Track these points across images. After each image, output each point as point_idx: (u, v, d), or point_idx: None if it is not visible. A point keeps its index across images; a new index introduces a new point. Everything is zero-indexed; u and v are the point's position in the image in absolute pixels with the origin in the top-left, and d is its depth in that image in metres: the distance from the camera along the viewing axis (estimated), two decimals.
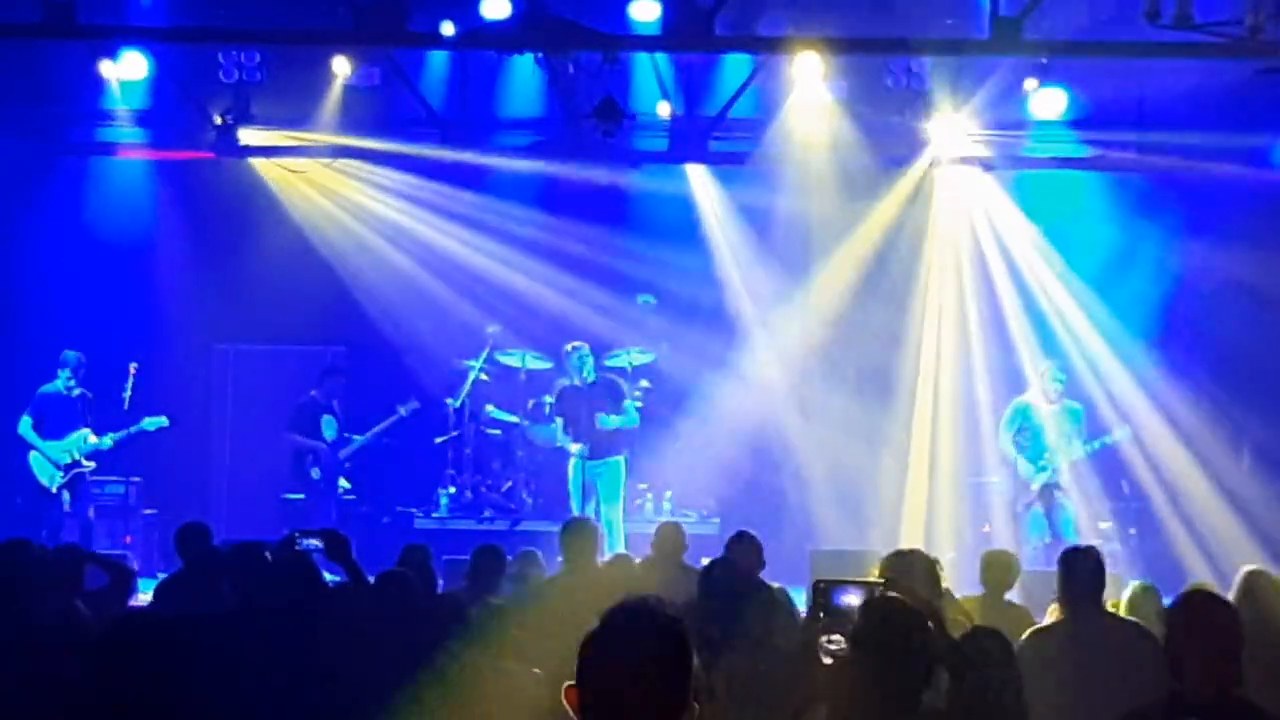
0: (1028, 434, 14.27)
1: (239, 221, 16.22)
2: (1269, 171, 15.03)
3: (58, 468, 14.25)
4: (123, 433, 14.35)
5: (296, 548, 7.58)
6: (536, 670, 6.70)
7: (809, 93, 14.76)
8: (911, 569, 6.99)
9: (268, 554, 7.51)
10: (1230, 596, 8.13)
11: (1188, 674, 4.78)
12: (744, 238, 16.35)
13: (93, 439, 14.27)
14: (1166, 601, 8.76)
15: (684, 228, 16.44)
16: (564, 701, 3.09)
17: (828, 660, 5.31)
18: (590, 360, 14.66)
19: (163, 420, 14.47)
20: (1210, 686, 4.72)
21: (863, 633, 4.91)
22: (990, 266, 16.09)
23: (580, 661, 3.11)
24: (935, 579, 7.05)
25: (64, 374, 14.26)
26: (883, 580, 6.00)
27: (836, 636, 5.27)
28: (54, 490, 14.24)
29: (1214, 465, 15.04)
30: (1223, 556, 13.48)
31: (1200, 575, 12.25)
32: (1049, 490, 14.18)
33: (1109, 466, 14.67)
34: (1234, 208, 15.01)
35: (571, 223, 16.27)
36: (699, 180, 16.37)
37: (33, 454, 14.30)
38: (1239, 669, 4.76)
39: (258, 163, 16.06)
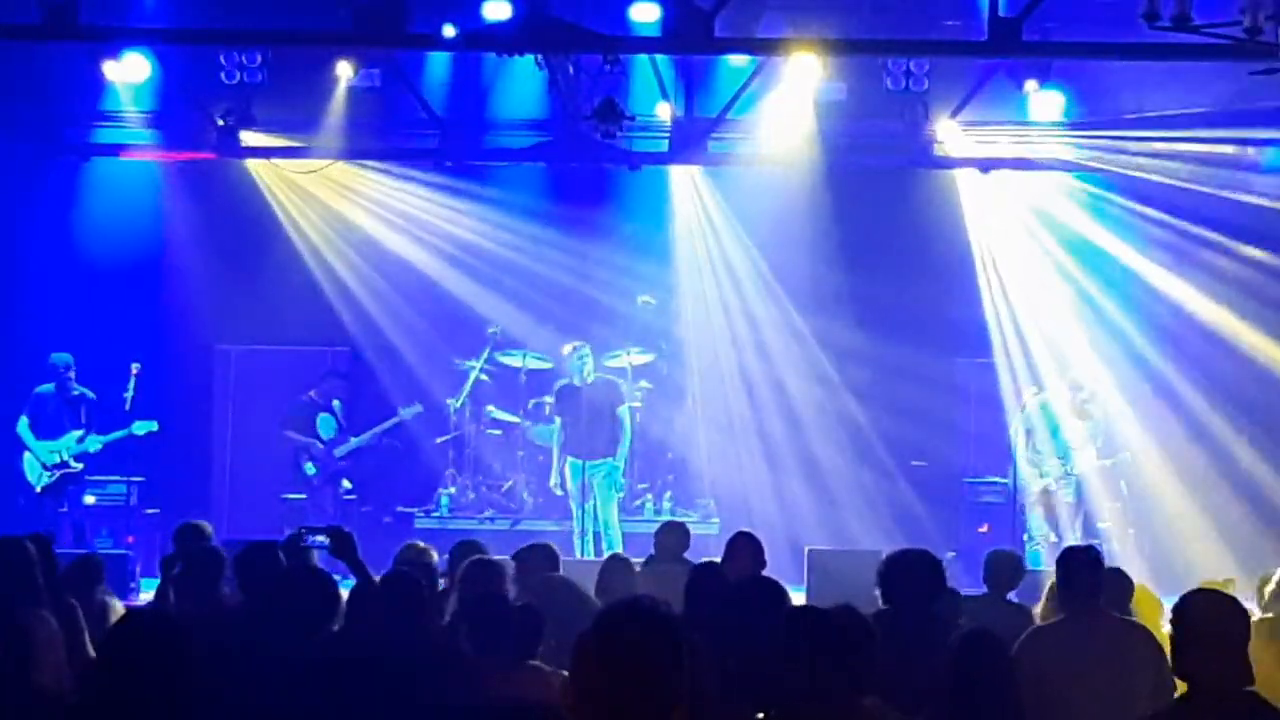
0: (1036, 433, 14.35)
1: (241, 223, 16.25)
2: (1267, 173, 15.07)
3: (45, 468, 14.32)
4: (111, 436, 14.40)
5: (303, 545, 7.59)
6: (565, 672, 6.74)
7: (808, 94, 14.78)
8: (911, 569, 7.01)
9: (280, 554, 7.52)
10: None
11: (1196, 672, 4.81)
12: (742, 238, 16.37)
13: (81, 440, 14.32)
14: (1166, 602, 8.86)
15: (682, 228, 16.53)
16: (560, 701, 3.13)
17: None
18: (591, 361, 14.70)
19: (153, 425, 14.46)
20: (1220, 684, 4.75)
21: None
22: (990, 268, 16.13)
23: (574, 660, 3.14)
24: (939, 578, 7.06)
25: (55, 377, 14.35)
26: None
27: None
28: (39, 490, 14.32)
29: (1212, 465, 15.10)
30: (1222, 556, 13.51)
31: (1200, 575, 12.25)
32: (1052, 491, 14.25)
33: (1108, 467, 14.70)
34: (1234, 208, 15.06)
35: (571, 223, 16.30)
36: (693, 182, 16.40)
37: (25, 454, 14.39)
38: (1248, 666, 4.79)
39: (259, 164, 16.09)
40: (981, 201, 15.99)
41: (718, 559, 8.76)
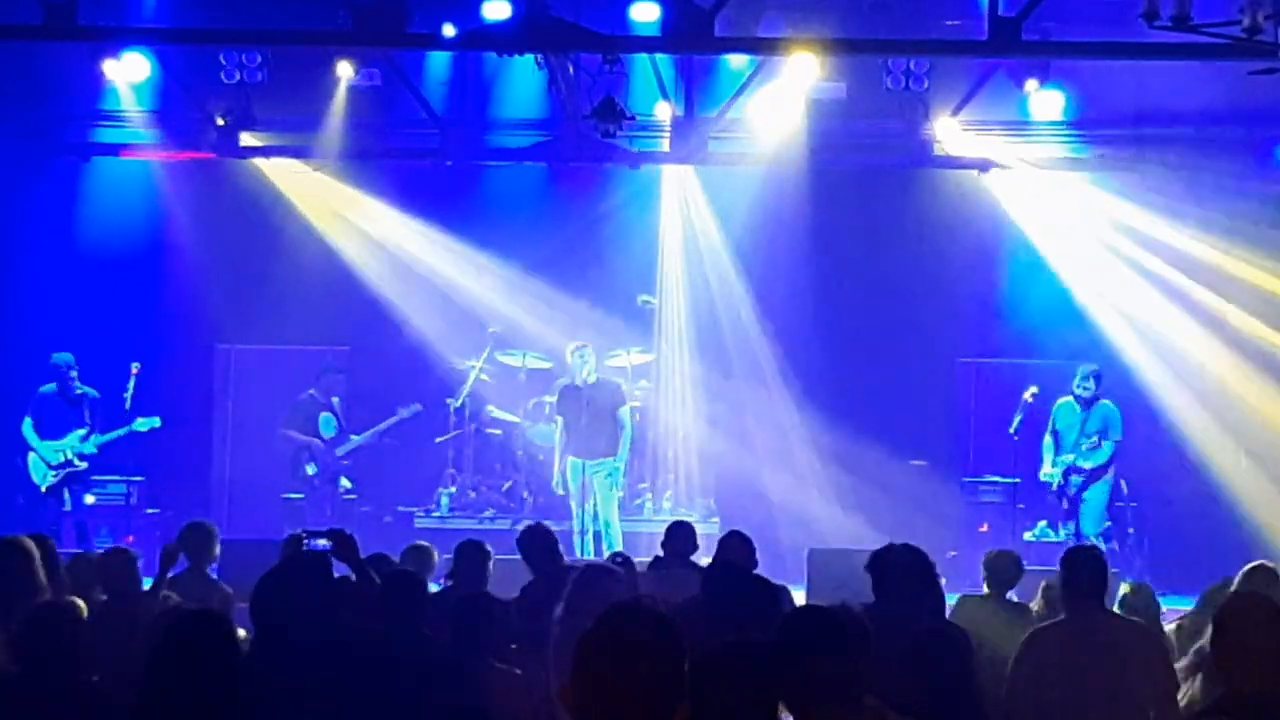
0: (1056, 434, 14.45)
1: (240, 222, 16.23)
2: (1267, 172, 15.07)
3: (50, 467, 14.35)
4: (114, 433, 14.42)
5: (304, 547, 7.58)
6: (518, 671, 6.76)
7: (807, 94, 14.79)
8: (896, 564, 7.02)
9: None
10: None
11: (1238, 672, 4.83)
12: (741, 237, 16.36)
13: (85, 439, 14.34)
14: (1163, 600, 8.86)
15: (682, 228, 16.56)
16: (560, 702, 3.13)
17: None
18: (592, 361, 14.71)
19: (155, 421, 14.52)
20: (1262, 683, 4.76)
21: None
22: (989, 267, 16.15)
23: (576, 661, 3.14)
24: (926, 573, 7.06)
25: (57, 376, 14.38)
26: None
27: None
28: (44, 490, 14.34)
29: (1212, 464, 15.13)
30: (1222, 555, 13.51)
31: (1200, 574, 12.25)
32: (1065, 489, 14.36)
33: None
34: (1234, 206, 15.07)
35: (571, 223, 16.28)
36: (692, 182, 16.41)
37: (30, 454, 14.41)
38: None
39: (259, 164, 16.09)
40: (981, 201, 15.98)
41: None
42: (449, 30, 11.57)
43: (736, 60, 14.80)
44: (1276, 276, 15.19)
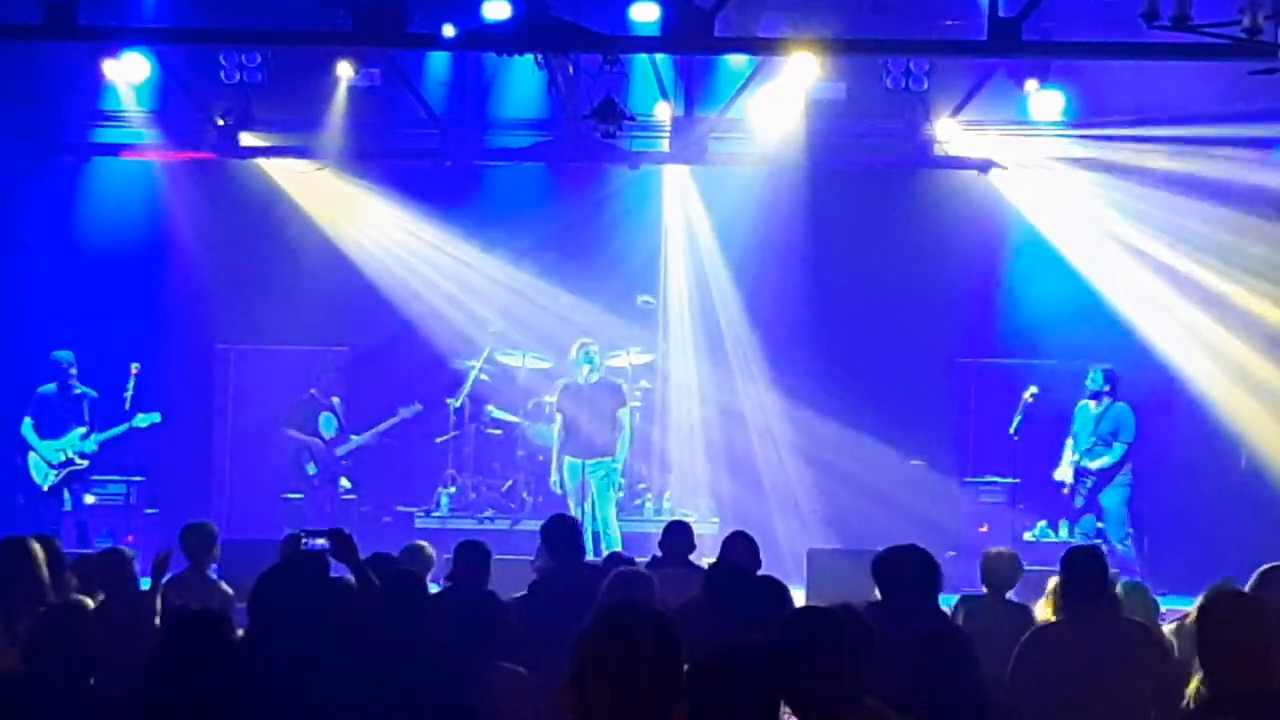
0: (1074, 435, 14.50)
1: (240, 222, 16.23)
2: (1267, 172, 15.06)
3: (51, 466, 14.36)
4: (114, 430, 14.43)
5: (303, 548, 7.57)
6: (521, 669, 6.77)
7: (807, 94, 14.79)
8: (905, 565, 7.02)
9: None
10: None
11: (1222, 672, 4.84)
12: (740, 237, 16.37)
13: (86, 437, 14.35)
14: (1163, 600, 8.87)
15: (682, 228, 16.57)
16: (559, 700, 3.14)
17: None
18: (597, 359, 14.71)
19: (155, 417, 14.54)
20: (1247, 683, 4.78)
21: None
22: (989, 267, 16.15)
23: (574, 660, 3.15)
24: (932, 574, 7.06)
25: (57, 375, 14.39)
26: None
27: None
28: (46, 489, 14.35)
29: (1211, 465, 15.13)
30: (1222, 556, 13.52)
31: (1199, 574, 12.25)
32: (1076, 489, 14.40)
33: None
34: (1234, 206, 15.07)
35: (570, 223, 16.29)
36: (691, 182, 16.41)
37: (30, 454, 14.41)
38: (1273, 663, 4.82)
39: (259, 163, 16.09)
40: (981, 201, 15.98)
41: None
42: (449, 30, 11.57)
43: (736, 60, 14.80)
44: (1277, 278, 15.19)
